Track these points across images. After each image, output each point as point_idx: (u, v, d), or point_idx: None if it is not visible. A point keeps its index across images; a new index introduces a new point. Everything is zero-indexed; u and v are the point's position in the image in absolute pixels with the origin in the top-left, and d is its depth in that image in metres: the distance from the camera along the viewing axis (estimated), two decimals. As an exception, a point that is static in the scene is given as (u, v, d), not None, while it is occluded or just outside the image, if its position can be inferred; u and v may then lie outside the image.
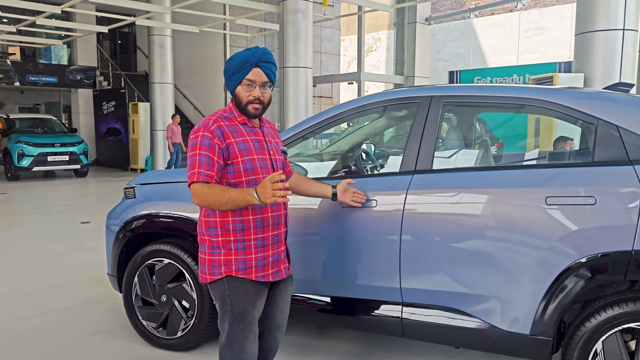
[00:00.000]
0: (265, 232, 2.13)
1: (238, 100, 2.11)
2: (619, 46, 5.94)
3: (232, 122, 2.12)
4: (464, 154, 3.16)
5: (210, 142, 2.02)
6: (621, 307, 2.25)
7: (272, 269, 2.17)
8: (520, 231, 2.38)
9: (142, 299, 3.28)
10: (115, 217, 3.43)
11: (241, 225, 2.09)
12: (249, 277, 2.10)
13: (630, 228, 2.19)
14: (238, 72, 2.08)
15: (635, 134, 2.29)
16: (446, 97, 2.71)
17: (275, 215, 2.17)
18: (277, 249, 2.19)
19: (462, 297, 2.53)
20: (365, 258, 2.70)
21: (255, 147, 2.13)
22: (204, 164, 2.00)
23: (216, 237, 2.11)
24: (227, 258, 2.10)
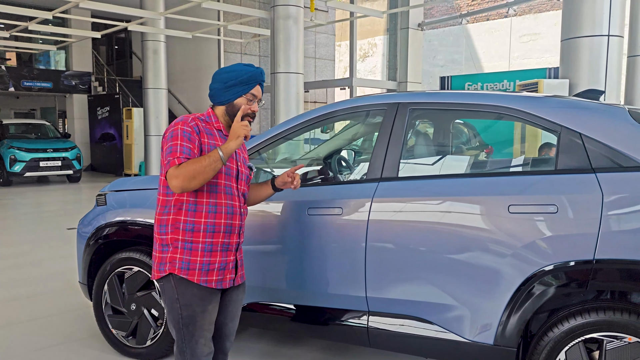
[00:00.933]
0: (215, 238, 2.14)
1: (233, 110, 2.17)
2: (604, 52, 5.91)
3: (209, 126, 2.18)
4: (436, 160, 3.14)
5: (191, 136, 2.06)
6: (584, 317, 2.23)
7: (216, 275, 2.16)
8: (483, 239, 2.36)
9: (112, 307, 3.25)
10: (87, 224, 3.41)
11: (192, 227, 2.11)
12: (190, 278, 2.10)
13: (591, 237, 2.17)
14: (243, 85, 2.16)
15: (598, 142, 2.28)
16: (413, 104, 2.70)
17: (229, 224, 2.18)
18: (225, 257, 2.19)
19: (427, 306, 2.50)
20: (332, 266, 2.67)
21: None
22: (185, 152, 2.02)
23: (166, 234, 2.13)
24: (172, 256, 2.12)
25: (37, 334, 3.59)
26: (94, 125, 16.50)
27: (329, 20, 15.89)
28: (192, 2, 9.65)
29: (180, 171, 1.97)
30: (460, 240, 2.40)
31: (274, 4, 9.90)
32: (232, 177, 2.20)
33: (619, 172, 2.21)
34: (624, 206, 2.15)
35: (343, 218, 2.64)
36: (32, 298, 4.35)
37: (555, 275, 2.23)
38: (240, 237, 2.27)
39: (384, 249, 2.55)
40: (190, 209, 2.10)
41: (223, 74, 2.18)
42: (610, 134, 2.27)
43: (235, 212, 2.19)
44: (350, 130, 4.20)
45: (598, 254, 2.15)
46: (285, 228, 2.79)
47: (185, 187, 1.99)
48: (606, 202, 2.16)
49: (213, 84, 2.21)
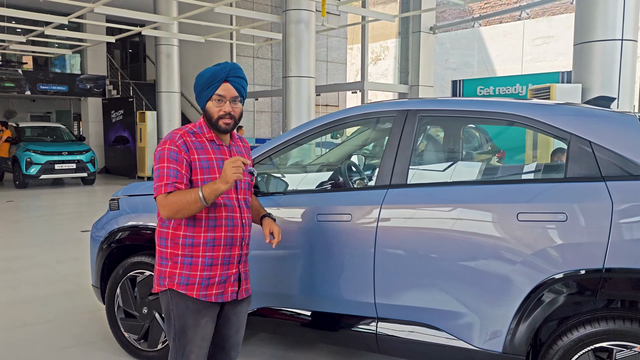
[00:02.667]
0: (215, 252, 2.10)
1: (209, 116, 2.09)
2: (617, 56, 5.87)
3: (199, 138, 2.10)
4: (446, 167, 3.14)
5: (178, 156, 2.01)
6: (594, 325, 2.23)
7: (217, 289, 2.12)
8: (492, 247, 2.35)
9: (124, 310, 3.29)
10: (100, 228, 3.46)
11: (191, 241, 2.08)
12: (189, 293, 2.07)
13: (601, 246, 2.16)
14: (207, 88, 2.07)
15: (608, 150, 2.27)
16: (422, 112, 2.70)
17: (229, 236, 2.12)
18: (227, 270, 2.13)
19: (436, 313, 2.50)
20: (340, 272, 2.69)
21: (218, 166, 2.09)
22: (172, 175, 1.99)
23: (165, 248, 2.12)
24: (172, 271, 2.10)
25: (50, 336, 3.64)
26: (108, 128, 16.68)
27: (341, 24, 15.93)
28: (205, 7, 9.74)
29: (167, 202, 1.97)
30: (468, 248, 2.40)
31: (286, 8, 9.96)
32: (231, 188, 2.11)
33: (629, 180, 2.20)
34: (634, 215, 2.14)
35: (352, 224, 2.65)
36: (44, 300, 4.41)
37: (564, 283, 2.22)
38: (243, 248, 2.19)
39: (393, 256, 2.56)
40: (189, 224, 2.07)
41: (195, 81, 2.12)
42: (621, 142, 2.26)
43: (236, 224, 2.13)
44: (361, 135, 4.21)
45: (608, 263, 2.14)
46: (295, 234, 2.81)
47: (172, 217, 2.01)
48: (616, 210, 2.15)
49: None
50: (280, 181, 3.20)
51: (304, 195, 2.80)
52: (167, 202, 1.98)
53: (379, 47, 25.29)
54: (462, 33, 20.41)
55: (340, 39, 17.47)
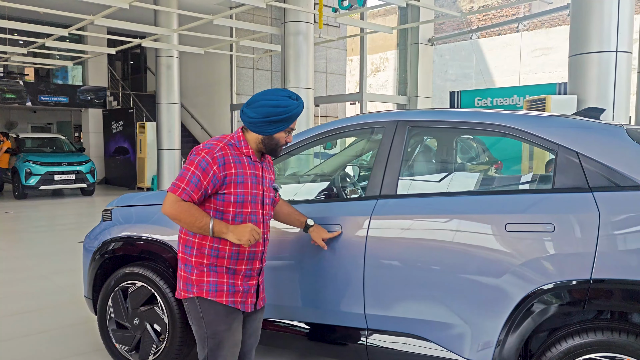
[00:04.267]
0: (238, 265, 2.21)
1: (272, 143, 2.22)
2: (612, 68, 5.89)
3: (238, 152, 2.18)
4: (437, 177, 3.15)
5: (207, 167, 2.07)
6: (582, 337, 2.21)
7: (240, 297, 2.23)
8: (481, 258, 2.36)
9: (115, 322, 3.29)
10: (93, 238, 3.47)
11: (216, 253, 2.17)
12: (219, 299, 2.17)
13: (588, 257, 2.16)
14: (287, 122, 2.18)
15: (595, 161, 2.27)
16: (412, 122, 2.72)
17: (252, 251, 2.23)
18: (247, 282, 2.25)
19: (425, 324, 2.50)
20: (331, 283, 2.69)
21: (251, 181, 2.19)
22: (192, 183, 2.06)
23: (191, 256, 2.19)
24: (199, 279, 2.18)
25: (43, 348, 3.63)
26: (108, 139, 16.75)
27: (341, 35, 16.03)
28: (204, 19, 9.82)
29: (177, 206, 2.05)
30: (457, 258, 2.40)
31: (284, 20, 10.04)
32: (258, 203, 2.23)
33: (616, 191, 2.20)
34: (620, 226, 2.14)
35: (342, 235, 2.65)
36: (38, 311, 4.41)
37: (552, 294, 2.22)
38: (262, 262, 2.31)
39: (382, 266, 2.56)
40: None
41: (265, 108, 2.14)
42: (608, 153, 2.27)
43: (258, 240, 2.18)
44: (356, 146, 4.23)
45: (595, 274, 2.14)
46: (285, 244, 2.81)
47: (169, 217, 2.09)
48: (603, 221, 2.16)
49: (251, 113, 2.16)
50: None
51: (295, 206, 2.81)
52: (177, 205, 2.05)
53: (379, 59, 25.44)
54: (462, 45, 20.54)
55: (339, 51, 17.57)
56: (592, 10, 5.94)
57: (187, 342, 3.10)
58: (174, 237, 3.07)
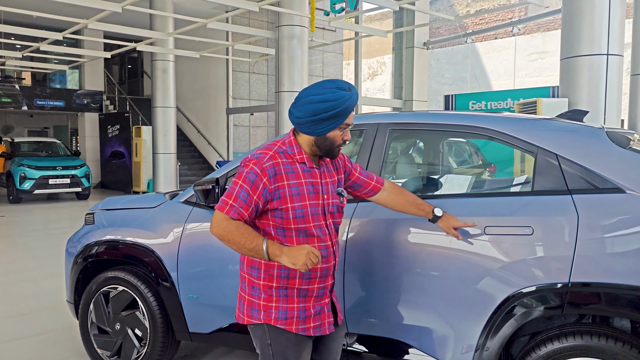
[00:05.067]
0: (311, 284, 1.97)
1: (327, 143, 1.93)
2: (603, 71, 5.87)
3: (290, 159, 1.93)
4: (419, 180, 3.12)
5: (256, 180, 1.85)
6: (562, 341, 2.18)
7: (314, 322, 1.99)
8: (460, 261, 2.33)
9: (97, 326, 3.26)
10: (75, 242, 3.44)
11: (287, 273, 1.93)
12: (288, 328, 1.94)
13: (566, 260, 2.13)
14: (339, 117, 1.88)
15: (574, 163, 2.25)
16: (393, 125, 2.70)
17: (325, 268, 2.00)
18: (320, 301, 2.02)
19: (405, 328, 2.47)
20: (311, 287, 2.65)
21: (308, 192, 1.93)
22: (240, 199, 1.84)
23: (257, 279, 1.96)
24: (267, 304, 1.95)
25: (25, 353, 3.59)
26: (104, 143, 16.73)
27: (337, 39, 16.05)
28: (198, 23, 9.82)
29: (225, 226, 1.82)
30: (436, 261, 2.37)
31: (278, 24, 10.04)
32: (319, 214, 1.96)
33: (595, 193, 2.18)
34: (599, 228, 2.11)
35: (322, 238, 2.62)
36: (24, 317, 4.37)
37: (532, 298, 2.19)
38: (334, 277, 2.09)
39: (361, 270, 2.53)
40: None
41: (312, 105, 1.87)
42: (587, 155, 2.25)
43: (329, 254, 2.00)
44: (343, 150, 4.20)
45: (573, 277, 2.12)
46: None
47: (219, 238, 1.86)
48: (582, 224, 2.13)
49: (298, 113, 1.91)
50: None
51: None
52: (225, 225, 1.83)
53: (376, 63, 25.48)
54: (458, 49, 20.58)
55: (336, 54, 17.58)
56: (583, 14, 5.93)
57: (168, 347, 3.07)
58: (155, 241, 3.05)
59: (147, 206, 3.21)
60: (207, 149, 16.77)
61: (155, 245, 3.03)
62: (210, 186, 2.77)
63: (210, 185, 2.77)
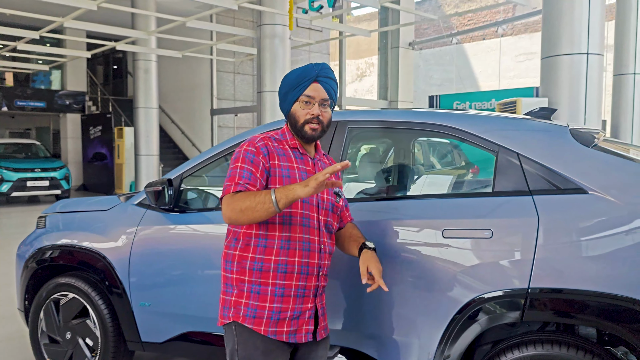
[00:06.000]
0: (287, 280, 1.80)
1: (294, 121, 1.88)
2: (583, 70, 5.80)
3: (282, 145, 1.89)
4: (382, 181, 3.00)
5: (255, 158, 1.79)
6: (521, 350, 2.07)
7: (288, 326, 1.81)
8: (418, 265, 2.21)
9: (48, 335, 3.10)
10: (26, 246, 3.28)
11: (260, 265, 1.79)
12: (256, 328, 1.78)
13: (526, 264, 2.02)
14: (295, 88, 1.85)
15: (536, 162, 2.13)
16: (351, 123, 2.57)
17: (305, 263, 1.82)
18: (301, 304, 1.83)
19: (361, 336, 2.34)
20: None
21: (301, 177, 1.84)
22: (245, 177, 1.75)
23: (231, 273, 1.84)
24: (237, 300, 1.81)
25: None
26: (86, 145, 16.48)
27: (323, 39, 15.92)
28: (177, 22, 9.66)
29: (232, 200, 1.71)
30: (394, 266, 2.25)
31: (260, 23, 9.90)
32: (312, 204, 1.86)
33: (556, 194, 2.06)
34: (559, 231, 2.00)
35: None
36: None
37: (491, 304, 2.08)
38: (320, 279, 1.90)
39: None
40: (259, 244, 1.80)
41: (281, 83, 1.92)
42: (549, 154, 2.14)
43: (313, 249, 1.85)
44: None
45: (533, 283, 2.00)
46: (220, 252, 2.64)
47: (234, 219, 1.72)
48: (542, 226, 2.01)
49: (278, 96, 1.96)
50: (212, 197, 3.04)
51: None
52: (232, 199, 1.71)
53: (365, 64, 25.40)
54: (446, 50, 20.55)
55: (322, 55, 17.47)
56: (563, 13, 5.85)
57: (120, 357, 2.92)
58: (105, 245, 2.90)
59: (100, 209, 3.07)
60: (191, 150, 16.58)
61: (105, 250, 2.88)
62: (161, 187, 2.64)
63: (161, 187, 2.65)
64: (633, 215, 1.93)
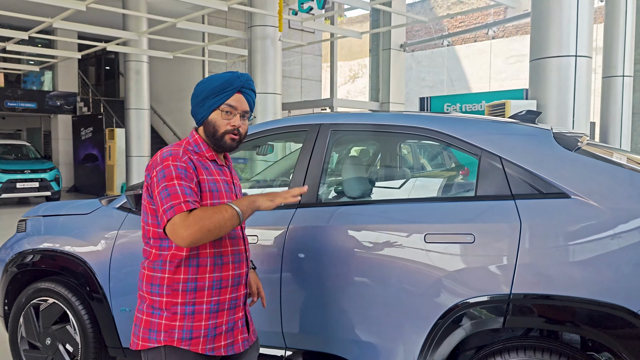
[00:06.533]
0: (222, 295, 1.76)
1: (212, 129, 1.78)
2: (572, 72, 5.80)
3: (201, 157, 1.79)
4: (367, 184, 2.97)
5: (187, 173, 1.68)
6: (503, 356, 2.05)
7: (225, 340, 1.78)
8: (400, 270, 2.18)
9: (27, 341, 3.05)
10: (6, 249, 3.23)
11: (194, 285, 1.72)
12: (194, 349, 1.71)
13: (508, 269, 2.00)
14: (217, 96, 1.76)
15: (519, 166, 2.12)
16: (334, 126, 2.54)
17: (237, 274, 1.81)
18: (234, 314, 1.81)
19: (343, 342, 2.31)
20: (246, 299, 2.49)
21: (225, 190, 1.81)
22: (188, 194, 1.63)
23: (159, 296, 1.73)
24: (169, 323, 1.71)
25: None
26: (77, 146, 16.36)
27: (316, 41, 15.89)
28: (168, 23, 9.60)
29: (193, 220, 1.58)
30: (375, 271, 2.22)
31: (251, 24, 9.86)
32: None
33: (538, 199, 2.04)
34: (542, 236, 1.98)
35: (259, 246, 2.46)
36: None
37: (473, 310, 2.05)
38: (247, 286, 1.90)
39: (298, 280, 2.37)
40: (191, 264, 1.72)
41: (197, 86, 1.81)
42: (532, 158, 2.12)
43: (242, 260, 1.83)
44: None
45: (515, 288, 1.98)
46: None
47: (197, 240, 1.59)
48: (524, 231, 1.99)
49: (191, 100, 1.84)
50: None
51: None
52: (193, 220, 1.58)
53: (357, 65, 25.42)
54: (439, 52, 20.58)
55: (314, 57, 17.45)
56: (551, 15, 5.86)
57: (101, 363, 2.87)
58: (85, 249, 2.86)
59: (81, 212, 3.02)
60: (183, 151, 16.48)
61: (85, 255, 2.84)
62: (140, 191, 2.60)
63: (141, 190, 2.60)
64: (615, 220, 1.91)
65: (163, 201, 1.63)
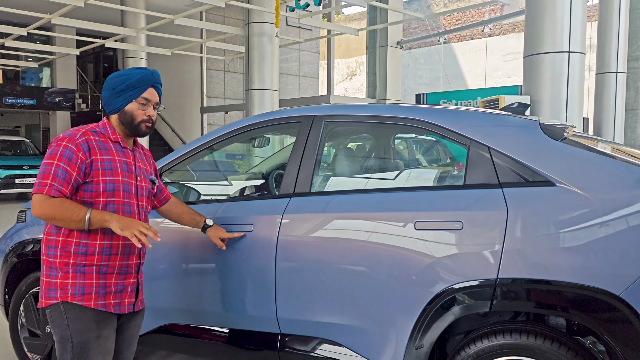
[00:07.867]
0: (111, 261, 2.00)
1: (129, 118, 2.04)
2: (565, 68, 5.89)
3: (103, 138, 2.02)
4: (359, 174, 3.04)
5: (73, 156, 1.90)
6: (491, 339, 2.11)
7: (114, 299, 2.02)
8: (392, 257, 2.24)
9: (28, 329, 3.11)
10: (6, 239, 3.29)
11: (85, 249, 1.95)
12: (86, 303, 1.94)
13: (495, 255, 2.06)
14: (133, 89, 2.03)
15: (506, 155, 2.18)
16: (327, 117, 2.61)
17: (128, 244, 2.03)
18: (124, 279, 2.05)
19: (336, 327, 2.38)
20: (242, 285, 2.56)
21: (122, 169, 2.03)
22: (59, 177, 1.87)
23: (54, 257, 1.96)
24: (63, 282, 1.94)
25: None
26: (76, 143, 16.38)
27: (313, 38, 15.94)
28: (165, 19, 9.65)
29: (46, 205, 1.85)
30: (367, 258, 2.29)
31: (248, 21, 9.92)
32: (132, 193, 2.07)
33: (525, 187, 2.11)
34: (527, 223, 2.05)
35: (254, 235, 2.53)
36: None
37: (461, 295, 2.12)
38: (141, 257, 2.13)
39: (292, 268, 2.44)
40: (83, 230, 1.93)
41: (113, 79, 2.05)
42: (519, 147, 2.18)
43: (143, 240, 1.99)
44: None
45: (501, 273, 2.04)
46: (199, 245, 2.67)
47: (45, 220, 1.91)
48: (510, 218, 2.06)
49: (104, 91, 2.07)
50: (192, 191, 3.07)
51: (207, 205, 2.67)
52: (47, 204, 1.85)
53: (355, 63, 25.46)
54: (436, 49, 20.64)
55: (312, 54, 17.50)
56: (545, 12, 5.94)
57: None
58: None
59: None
60: (181, 148, 16.55)
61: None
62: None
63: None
64: (599, 207, 1.97)
65: (38, 175, 1.90)
